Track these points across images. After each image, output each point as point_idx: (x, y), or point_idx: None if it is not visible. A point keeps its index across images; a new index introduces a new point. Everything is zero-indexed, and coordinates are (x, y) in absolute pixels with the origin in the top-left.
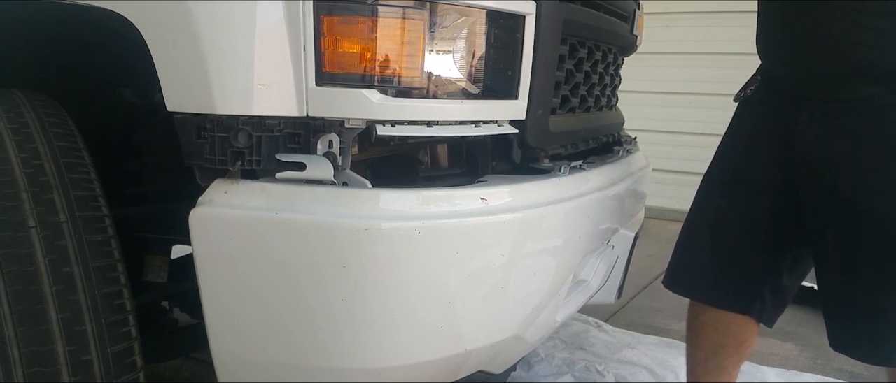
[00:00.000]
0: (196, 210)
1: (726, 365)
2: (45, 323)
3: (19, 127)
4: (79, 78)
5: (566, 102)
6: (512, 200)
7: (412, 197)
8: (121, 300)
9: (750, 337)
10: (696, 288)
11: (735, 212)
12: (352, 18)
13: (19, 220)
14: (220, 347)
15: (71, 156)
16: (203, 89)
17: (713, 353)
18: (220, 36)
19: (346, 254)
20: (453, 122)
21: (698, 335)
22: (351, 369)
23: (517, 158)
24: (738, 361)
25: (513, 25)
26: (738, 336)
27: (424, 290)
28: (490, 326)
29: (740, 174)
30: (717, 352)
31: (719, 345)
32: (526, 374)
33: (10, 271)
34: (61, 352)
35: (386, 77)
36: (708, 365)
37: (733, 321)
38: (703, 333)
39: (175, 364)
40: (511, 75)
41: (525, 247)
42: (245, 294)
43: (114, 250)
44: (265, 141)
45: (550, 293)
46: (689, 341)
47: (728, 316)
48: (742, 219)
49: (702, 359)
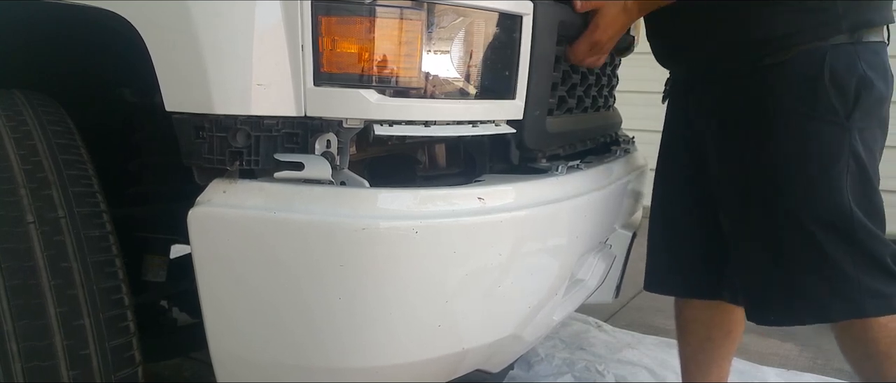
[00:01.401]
0: (194, 209)
1: (716, 359)
2: (44, 317)
3: (18, 125)
4: (79, 78)
5: (563, 103)
6: (509, 200)
7: (410, 196)
8: (119, 295)
9: (736, 326)
10: (666, 283)
11: (673, 202)
12: (350, 18)
13: (18, 216)
14: (218, 346)
15: (69, 153)
16: (201, 89)
17: (701, 348)
18: (219, 36)
19: (345, 253)
20: (451, 122)
21: (685, 331)
22: (349, 368)
23: (515, 159)
24: (727, 353)
25: (510, 26)
26: (724, 326)
27: (422, 289)
28: (487, 325)
29: (666, 164)
30: (705, 346)
31: (706, 338)
32: (526, 374)
33: (9, 266)
34: (60, 347)
35: (384, 77)
36: (698, 360)
37: (714, 311)
38: (690, 329)
39: (175, 363)
40: (508, 75)
41: (522, 246)
42: (243, 293)
43: (112, 246)
44: (263, 140)
45: (548, 292)
46: (678, 339)
47: (709, 308)
48: (681, 208)
49: (691, 355)
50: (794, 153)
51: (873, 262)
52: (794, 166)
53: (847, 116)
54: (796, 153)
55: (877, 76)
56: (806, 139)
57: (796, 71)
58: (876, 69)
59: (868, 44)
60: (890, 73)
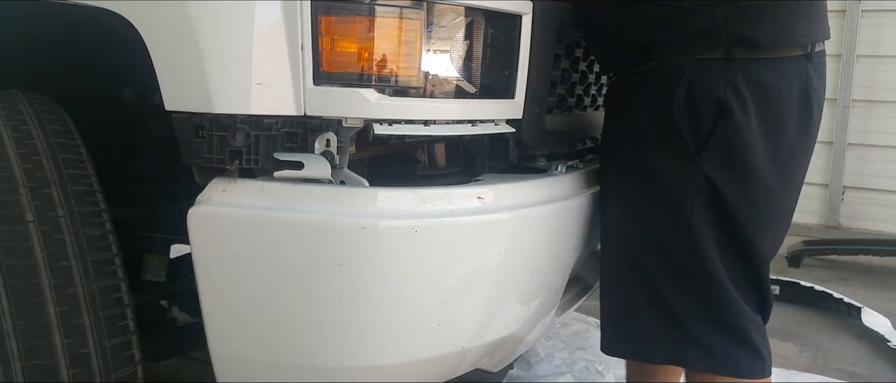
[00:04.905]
0: (194, 209)
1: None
2: (43, 316)
3: (18, 124)
4: (79, 78)
5: (562, 102)
6: (508, 199)
7: (409, 195)
8: (119, 294)
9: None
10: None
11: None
12: (349, 18)
13: (17, 215)
14: (218, 346)
15: (68, 152)
16: (201, 88)
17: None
18: (219, 35)
19: (344, 252)
20: (450, 122)
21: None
22: (348, 367)
23: (514, 158)
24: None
25: (509, 25)
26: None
27: (421, 289)
28: (487, 324)
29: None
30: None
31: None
32: (526, 374)
33: (9, 265)
34: (59, 345)
35: (383, 76)
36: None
37: None
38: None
39: (175, 363)
40: (508, 75)
41: (522, 245)
42: (243, 292)
43: (112, 244)
44: (263, 140)
45: (548, 292)
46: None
47: None
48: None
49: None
50: (638, 178)
51: (711, 311)
52: (639, 191)
53: (697, 148)
54: (641, 179)
55: (743, 100)
56: (650, 165)
57: (654, 87)
58: (751, 91)
59: (753, 61)
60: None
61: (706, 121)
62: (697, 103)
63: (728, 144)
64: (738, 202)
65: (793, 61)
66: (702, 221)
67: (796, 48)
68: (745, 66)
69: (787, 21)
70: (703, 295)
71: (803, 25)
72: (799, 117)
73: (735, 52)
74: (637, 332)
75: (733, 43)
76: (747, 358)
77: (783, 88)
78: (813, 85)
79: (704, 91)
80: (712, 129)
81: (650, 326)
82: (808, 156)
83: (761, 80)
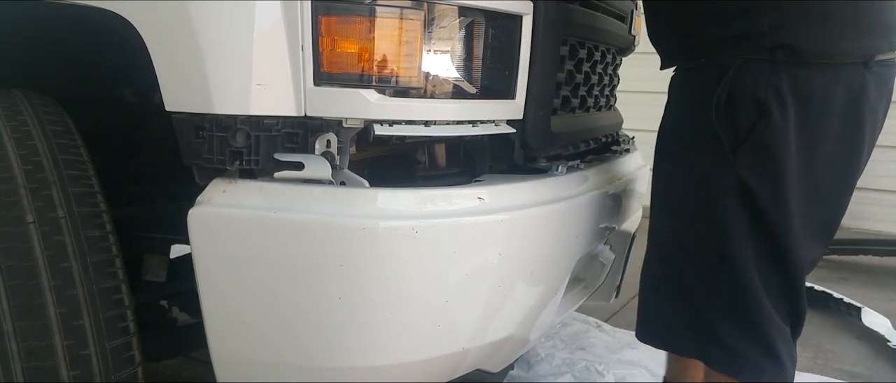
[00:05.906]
0: (194, 209)
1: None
2: (44, 317)
3: (18, 125)
4: (79, 78)
5: (567, 103)
6: (509, 200)
7: (410, 196)
8: (119, 295)
9: None
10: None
11: None
12: (350, 18)
13: (18, 216)
14: (218, 346)
15: (69, 153)
16: (201, 89)
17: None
18: (219, 36)
19: (344, 253)
20: (451, 122)
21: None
22: (349, 368)
23: (519, 158)
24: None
25: (510, 25)
26: None
27: (422, 289)
28: (487, 325)
29: None
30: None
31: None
32: (526, 374)
33: (9, 266)
34: (59, 347)
35: (383, 77)
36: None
37: None
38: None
39: (175, 364)
40: (508, 75)
41: (522, 246)
42: (243, 293)
43: (112, 245)
44: (263, 140)
45: (547, 292)
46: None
47: None
48: None
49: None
50: (676, 173)
51: (736, 314)
52: (675, 186)
53: (733, 149)
54: (678, 174)
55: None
56: (686, 162)
57: (698, 84)
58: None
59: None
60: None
61: (745, 122)
62: (738, 103)
63: (764, 147)
64: (771, 208)
65: (847, 69)
66: (734, 224)
67: (849, 57)
68: (791, 70)
69: (838, 30)
70: (730, 297)
71: (859, 35)
72: (842, 128)
73: (779, 56)
74: (665, 323)
75: (777, 47)
76: (768, 365)
77: (829, 97)
78: (868, 95)
79: (746, 91)
80: (750, 130)
81: (678, 318)
82: (855, 169)
83: (806, 86)
